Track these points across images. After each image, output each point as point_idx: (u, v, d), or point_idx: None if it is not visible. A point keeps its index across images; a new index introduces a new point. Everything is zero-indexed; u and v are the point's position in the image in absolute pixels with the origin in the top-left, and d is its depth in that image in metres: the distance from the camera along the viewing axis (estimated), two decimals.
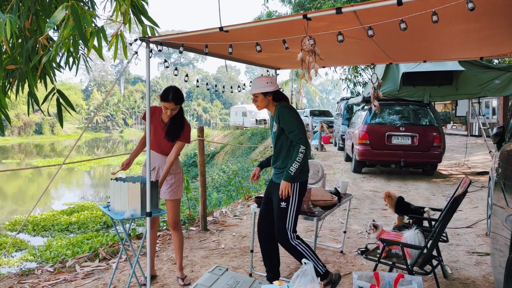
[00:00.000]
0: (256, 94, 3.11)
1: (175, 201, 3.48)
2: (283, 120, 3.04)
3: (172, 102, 3.22)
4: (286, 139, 3.09)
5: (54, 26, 3.01)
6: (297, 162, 2.97)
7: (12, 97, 3.73)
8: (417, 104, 8.81)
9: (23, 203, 13.13)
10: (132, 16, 3.59)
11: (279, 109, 3.08)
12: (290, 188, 3.00)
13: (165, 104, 3.24)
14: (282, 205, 3.06)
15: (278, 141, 3.13)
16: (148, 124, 3.02)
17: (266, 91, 3.09)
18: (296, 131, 3.02)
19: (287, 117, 3.05)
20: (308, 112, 23.51)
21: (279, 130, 3.09)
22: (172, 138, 3.38)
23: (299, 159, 2.98)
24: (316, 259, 3.06)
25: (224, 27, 2.53)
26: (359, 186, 7.99)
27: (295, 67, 4.97)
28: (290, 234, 3.06)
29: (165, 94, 3.22)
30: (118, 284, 3.55)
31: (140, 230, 7.03)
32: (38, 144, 40.43)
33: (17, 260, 6.17)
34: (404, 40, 3.21)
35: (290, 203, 3.04)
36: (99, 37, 3.16)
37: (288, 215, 3.05)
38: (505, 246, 2.31)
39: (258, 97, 3.12)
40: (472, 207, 6.21)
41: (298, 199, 3.08)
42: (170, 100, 3.21)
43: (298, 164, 2.97)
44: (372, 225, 3.29)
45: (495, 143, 3.90)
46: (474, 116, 17.56)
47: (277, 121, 3.08)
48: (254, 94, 3.13)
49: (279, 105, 3.12)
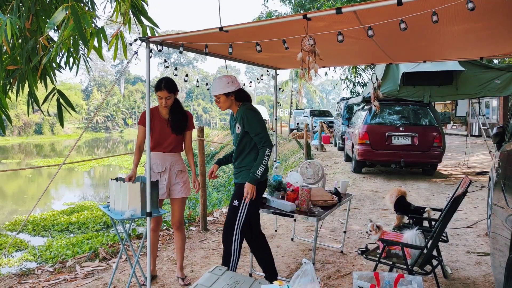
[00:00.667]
0: (218, 95, 3.08)
1: (184, 199, 3.51)
2: (248, 122, 3.04)
3: (164, 90, 3.26)
4: (250, 141, 3.09)
5: (54, 27, 3.01)
6: (263, 165, 3.01)
7: (12, 98, 3.73)
8: (417, 104, 8.81)
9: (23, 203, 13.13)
10: (132, 17, 3.59)
11: (244, 112, 3.07)
12: (254, 191, 3.02)
13: (159, 94, 3.28)
14: (234, 203, 3.09)
15: (241, 142, 3.13)
16: (148, 125, 3.02)
17: (228, 92, 3.06)
18: (261, 134, 3.03)
19: (252, 120, 3.05)
20: (308, 112, 23.49)
21: (243, 132, 3.09)
22: (180, 130, 3.43)
23: (264, 162, 3.01)
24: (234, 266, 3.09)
25: (224, 27, 2.53)
26: (359, 186, 7.99)
27: (295, 67, 4.97)
28: (236, 234, 3.07)
29: (158, 84, 3.28)
30: (118, 284, 3.55)
31: (140, 230, 7.03)
32: (38, 144, 40.41)
33: (17, 260, 6.16)
34: (404, 40, 3.21)
35: (242, 202, 3.06)
36: (99, 37, 3.16)
37: (238, 213, 3.06)
38: (505, 246, 2.32)
39: (220, 98, 3.09)
40: (472, 207, 6.21)
41: (255, 198, 3.08)
42: (162, 88, 3.26)
43: (263, 167, 3.01)
44: (375, 225, 3.27)
45: (495, 143, 3.90)
46: (474, 116, 17.56)
47: (241, 123, 3.07)
48: (215, 95, 3.10)
49: (243, 107, 3.11)
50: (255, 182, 3.01)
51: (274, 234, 4.89)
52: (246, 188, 3.01)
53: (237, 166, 3.19)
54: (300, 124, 22.75)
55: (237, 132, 3.14)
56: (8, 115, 3.55)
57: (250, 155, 3.12)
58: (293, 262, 3.97)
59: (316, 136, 15.69)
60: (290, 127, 23.07)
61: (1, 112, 3.47)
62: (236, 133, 3.15)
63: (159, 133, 3.36)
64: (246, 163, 3.12)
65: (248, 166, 3.10)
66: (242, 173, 3.13)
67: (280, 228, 5.14)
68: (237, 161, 3.19)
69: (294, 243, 4.55)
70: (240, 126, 3.09)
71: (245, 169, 3.12)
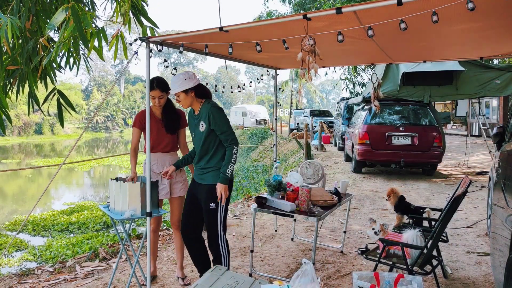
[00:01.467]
0: (178, 93, 3.03)
1: (184, 198, 3.51)
2: (215, 120, 2.99)
3: (157, 89, 3.27)
4: (215, 139, 3.04)
5: (55, 28, 3.01)
6: (232, 164, 2.99)
7: (12, 98, 3.74)
8: (417, 104, 8.81)
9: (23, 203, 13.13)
10: (132, 17, 3.59)
11: (210, 110, 3.01)
12: (227, 190, 3.01)
13: (152, 94, 3.28)
14: (211, 206, 3.03)
15: (205, 141, 3.05)
16: (148, 125, 3.02)
17: (187, 88, 2.99)
18: (228, 131, 3.00)
19: (219, 118, 3.00)
20: (308, 112, 23.50)
21: (208, 131, 3.02)
22: (174, 130, 3.44)
23: (233, 160, 2.99)
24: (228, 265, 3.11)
25: (224, 27, 2.53)
26: (359, 186, 7.99)
27: (295, 67, 4.97)
28: (221, 234, 3.08)
29: (150, 84, 3.23)
30: (118, 284, 3.55)
31: (140, 230, 7.03)
32: (38, 144, 40.40)
33: (17, 260, 6.16)
34: (404, 40, 3.21)
35: (219, 203, 3.04)
36: (99, 38, 3.17)
37: (218, 215, 3.05)
38: (505, 246, 2.32)
39: (180, 96, 3.03)
40: (472, 207, 6.21)
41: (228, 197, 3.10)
42: (155, 87, 3.26)
43: (233, 165, 2.99)
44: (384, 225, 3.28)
45: (495, 143, 3.90)
46: (474, 116, 17.56)
47: (207, 121, 3.01)
48: (175, 93, 3.06)
49: (208, 104, 3.05)
50: (227, 181, 2.98)
51: (274, 234, 4.89)
52: (219, 189, 2.97)
53: (203, 166, 3.10)
54: (300, 124, 22.76)
55: (201, 130, 3.05)
56: (8, 115, 3.56)
57: (216, 155, 3.06)
58: (293, 262, 3.97)
59: (316, 136, 15.69)
60: (290, 127, 23.08)
61: (1, 112, 3.47)
62: (200, 131, 3.06)
63: (156, 133, 3.36)
64: (213, 163, 3.06)
65: (216, 166, 3.04)
66: (210, 173, 3.06)
67: (280, 228, 5.14)
68: (202, 161, 3.11)
69: (294, 243, 4.56)
70: (205, 124, 3.02)
71: (212, 170, 3.05)
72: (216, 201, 3.02)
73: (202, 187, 3.09)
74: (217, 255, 3.10)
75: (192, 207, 3.21)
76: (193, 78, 3.04)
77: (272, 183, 3.61)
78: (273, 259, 4.06)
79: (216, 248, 3.09)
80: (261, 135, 22.54)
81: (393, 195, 3.94)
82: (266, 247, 4.45)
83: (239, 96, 77.06)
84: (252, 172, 13.95)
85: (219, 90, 5.26)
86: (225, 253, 3.10)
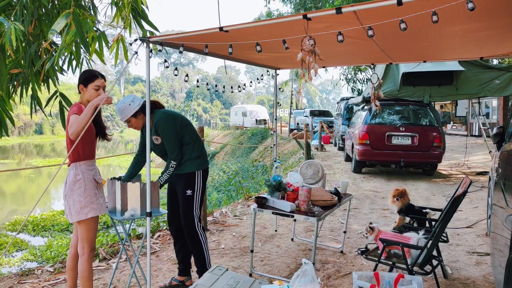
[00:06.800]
0: (128, 119, 3.10)
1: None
2: (161, 133, 3.11)
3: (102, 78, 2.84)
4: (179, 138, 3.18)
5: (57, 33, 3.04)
6: (167, 174, 3.12)
7: (16, 100, 3.79)
8: (417, 104, 8.81)
9: (23, 203, 13.13)
10: (132, 20, 3.61)
11: (156, 122, 3.11)
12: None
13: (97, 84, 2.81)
14: (188, 193, 3.18)
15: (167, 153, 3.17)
16: (149, 126, 3.00)
17: (135, 112, 3.08)
18: (171, 147, 3.11)
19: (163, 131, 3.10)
20: (308, 112, 23.49)
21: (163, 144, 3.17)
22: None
23: (169, 172, 3.12)
24: (207, 253, 3.25)
25: (224, 27, 2.53)
26: (359, 186, 7.99)
27: (295, 67, 4.97)
28: (197, 222, 3.21)
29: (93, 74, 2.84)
30: (118, 284, 3.55)
31: (140, 230, 7.04)
32: (38, 144, 40.41)
33: (17, 260, 6.16)
34: (404, 40, 3.21)
35: (195, 190, 3.18)
36: (100, 42, 3.20)
37: (194, 202, 3.19)
38: (505, 246, 2.32)
39: (131, 121, 3.12)
40: (472, 207, 6.21)
41: (202, 186, 3.23)
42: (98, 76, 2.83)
43: (168, 176, 3.13)
44: (368, 227, 3.31)
45: (495, 143, 3.90)
46: (474, 116, 17.56)
47: (156, 134, 3.14)
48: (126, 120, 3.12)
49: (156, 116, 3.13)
50: (160, 187, 3.11)
51: (274, 234, 4.89)
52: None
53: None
54: (300, 124, 22.75)
55: (158, 143, 3.19)
56: (11, 118, 3.61)
57: (187, 149, 3.18)
58: (293, 262, 3.97)
59: (316, 136, 15.68)
60: (290, 127, 23.06)
61: (5, 114, 3.50)
62: (157, 144, 3.20)
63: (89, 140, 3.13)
64: (187, 156, 3.18)
65: (191, 157, 3.19)
66: (187, 163, 3.19)
67: (280, 228, 5.14)
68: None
69: (294, 243, 4.56)
70: (157, 136, 3.15)
71: (189, 160, 3.19)
72: (194, 189, 3.17)
73: (181, 176, 3.22)
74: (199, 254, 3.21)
75: (174, 200, 3.36)
76: (136, 100, 3.09)
77: (272, 183, 3.61)
78: (273, 259, 4.06)
79: (195, 235, 3.18)
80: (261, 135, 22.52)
81: (402, 200, 3.85)
82: (266, 247, 4.45)
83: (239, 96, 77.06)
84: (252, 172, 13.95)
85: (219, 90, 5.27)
86: (203, 239, 3.23)
